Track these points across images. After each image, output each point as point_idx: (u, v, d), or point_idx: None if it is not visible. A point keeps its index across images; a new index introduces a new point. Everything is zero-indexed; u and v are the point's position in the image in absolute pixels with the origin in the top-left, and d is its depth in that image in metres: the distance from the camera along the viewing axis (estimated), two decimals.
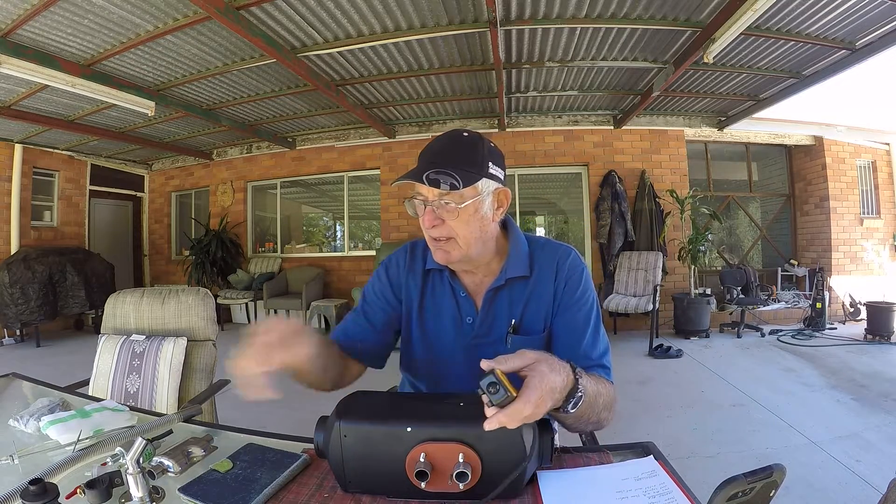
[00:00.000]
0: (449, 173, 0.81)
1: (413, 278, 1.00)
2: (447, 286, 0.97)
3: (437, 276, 0.99)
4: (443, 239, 0.87)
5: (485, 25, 3.35)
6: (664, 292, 5.28)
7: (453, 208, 0.84)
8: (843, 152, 6.01)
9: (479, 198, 0.85)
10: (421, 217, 0.88)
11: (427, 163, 0.84)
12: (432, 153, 0.86)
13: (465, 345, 0.95)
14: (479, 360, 0.90)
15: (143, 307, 1.76)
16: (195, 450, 0.82)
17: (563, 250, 0.97)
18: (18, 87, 4.18)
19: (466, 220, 0.85)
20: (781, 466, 0.54)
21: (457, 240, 0.86)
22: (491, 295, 0.94)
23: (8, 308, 5.05)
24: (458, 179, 0.81)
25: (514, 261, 0.93)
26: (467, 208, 0.84)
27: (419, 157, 0.88)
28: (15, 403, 1.14)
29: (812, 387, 3.33)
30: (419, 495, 0.67)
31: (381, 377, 1.14)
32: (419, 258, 1.01)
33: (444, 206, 0.84)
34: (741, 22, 3.03)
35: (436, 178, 0.80)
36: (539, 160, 5.84)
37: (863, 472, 2.05)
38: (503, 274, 0.93)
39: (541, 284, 0.94)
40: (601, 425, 0.83)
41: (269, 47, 3.40)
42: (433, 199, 0.85)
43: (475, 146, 0.87)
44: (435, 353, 0.99)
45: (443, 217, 0.85)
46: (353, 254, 6.56)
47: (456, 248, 0.87)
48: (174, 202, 7.54)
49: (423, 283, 0.99)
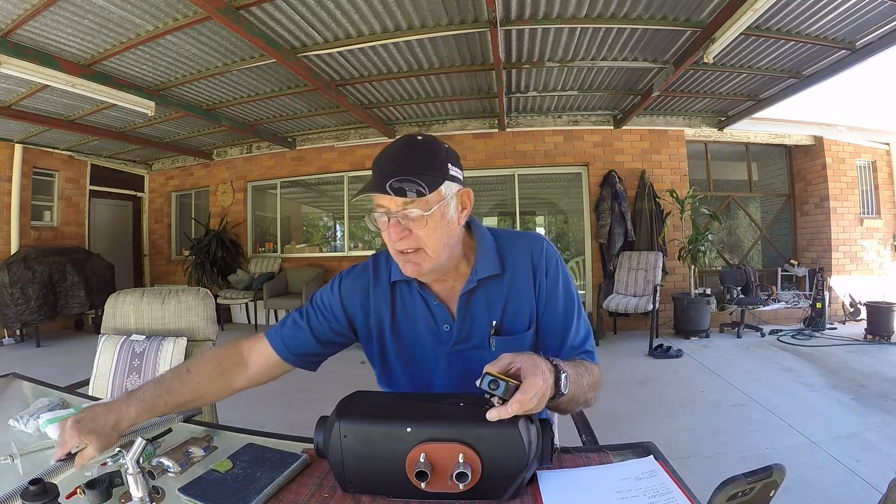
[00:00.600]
0: (412, 180, 0.77)
1: (380, 292, 0.95)
2: (417, 296, 0.93)
3: (405, 288, 0.94)
4: (411, 251, 0.82)
5: (485, 25, 3.35)
6: (664, 292, 5.28)
7: (419, 216, 0.80)
8: (843, 152, 6.01)
9: (443, 202, 0.81)
10: (385, 231, 0.83)
11: (387, 172, 0.79)
12: (390, 161, 0.82)
13: (445, 353, 0.92)
14: (462, 367, 0.92)
15: (143, 307, 1.76)
16: (195, 450, 0.82)
17: (535, 241, 0.94)
18: (18, 87, 4.18)
19: (434, 228, 0.81)
20: (781, 466, 0.54)
21: (426, 250, 0.82)
22: (465, 299, 0.90)
23: (8, 308, 5.05)
24: (423, 186, 0.77)
25: (482, 261, 0.90)
26: (434, 214, 0.80)
27: (374, 166, 0.84)
28: (15, 403, 1.14)
29: (812, 387, 3.33)
30: (419, 495, 0.67)
31: None
32: (383, 271, 0.96)
33: (410, 216, 0.80)
34: (741, 22, 3.03)
35: (399, 186, 0.76)
36: (539, 160, 5.84)
37: (863, 472, 2.05)
38: (473, 275, 0.89)
39: (518, 280, 0.91)
40: (589, 404, 0.86)
41: (269, 47, 3.40)
42: (397, 210, 0.80)
43: (433, 149, 0.83)
44: (415, 366, 0.95)
45: (409, 227, 0.81)
46: (353, 254, 6.56)
47: (426, 259, 0.83)
48: (174, 202, 7.54)
49: (391, 296, 0.94)
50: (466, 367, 0.90)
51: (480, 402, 0.70)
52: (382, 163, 0.83)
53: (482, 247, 0.92)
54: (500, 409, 0.63)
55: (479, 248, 0.91)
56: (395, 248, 0.84)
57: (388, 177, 0.78)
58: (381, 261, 0.97)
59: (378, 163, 0.84)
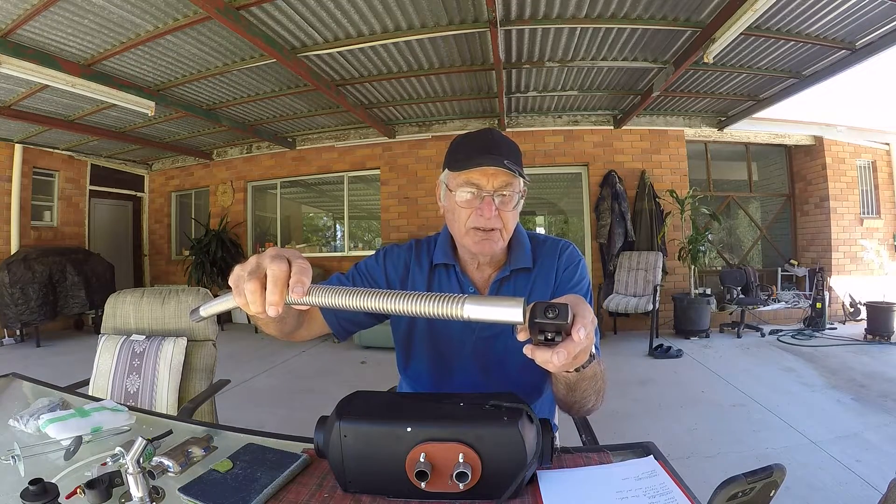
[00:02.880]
0: (516, 167, 0.83)
1: (418, 272, 0.99)
2: (454, 281, 0.97)
3: (444, 272, 0.98)
4: (496, 229, 0.87)
5: (485, 25, 3.36)
6: (664, 292, 5.28)
7: (512, 201, 0.86)
8: (843, 152, 6.02)
9: (523, 193, 0.90)
10: (473, 206, 0.86)
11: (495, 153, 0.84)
12: (490, 145, 0.86)
13: (472, 339, 0.95)
14: (484, 355, 0.95)
15: (143, 307, 1.76)
16: (195, 450, 0.82)
17: (563, 244, 1.00)
18: (18, 87, 4.19)
19: (515, 213, 0.89)
20: (781, 466, 0.54)
21: (502, 230, 0.88)
22: (496, 286, 0.95)
23: (8, 308, 5.05)
24: (523, 174, 0.85)
25: (518, 253, 0.96)
26: (519, 201, 0.88)
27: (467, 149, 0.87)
28: (15, 403, 1.14)
29: (812, 387, 3.33)
30: (419, 495, 0.67)
31: (381, 377, 1.15)
32: (424, 254, 1.01)
33: (506, 198, 0.85)
34: (741, 22, 3.03)
35: (514, 167, 0.83)
36: (539, 160, 5.84)
37: (863, 472, 2.05)
38: (508, 265, 0.95)
39: (542, 276, 0.97)
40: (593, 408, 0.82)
41: (269, 47, 3.40)
42: (493, 190, 0.85)
43: (516, 145, 0.91)
44: (442, 348, 0.98)
45: (498, 208, 0.86)
46: (353, 254, 6.56)
47: (500, 240, 0.89)
48: (174, 202, 7.54)
49: (429, 279, 0.98)
50: (490, 354, 0.95)
51: (481, 402, 0.70)
52: (483, 145, 0.87)
53: (518, 242, 0.97)
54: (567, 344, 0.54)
55: (515, 242, 0.97)
56: (479, 224, 0.86)
57: (501, 156, 0.83)
58: (422, 244, 1.03)
59: (474, 145, 0.87)
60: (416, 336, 0.99)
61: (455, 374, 0.97)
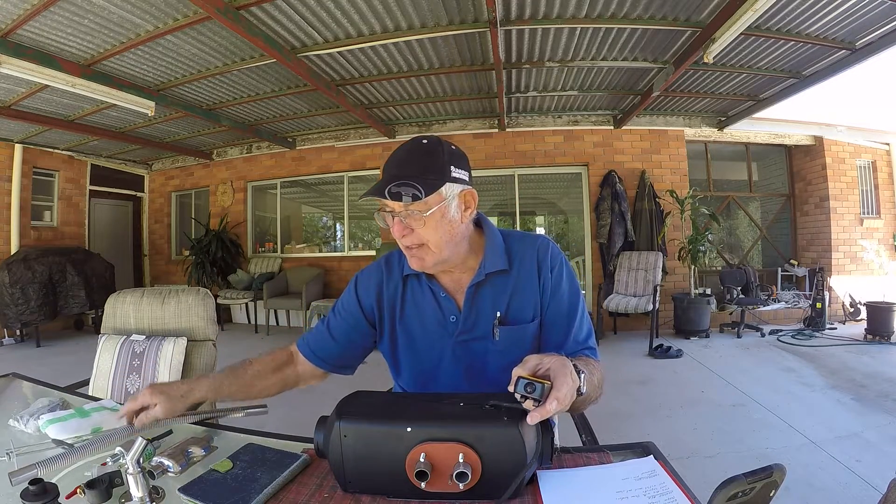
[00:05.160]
0: (410, 184, 0.83)
1: (391, 287, 1.02)
2: (426, 289, 0.98)
3: (416, 281, 1.00)
4: (414, 246, 0.90)
5: (485, 25, 3.35)
6: (664, 292, 5.28)
7: (419, 217, 0.86)
8: (843, 152, 6.01)
9: (443, 203, 0.87)
10: (391, 227, 0.90)
11: (389, 176, 0.86)
12: (394, 165, 0.88)
13: (451, 344, 0.97)
14: (467, 358, 0.97)
15: (143, 307, 1.76)
16: (195, 450, 0.82)
17: (541, 242, 0.99)
18: (18, 87, 4.19)
19: (434, 227, 0.87)
20: (781, 466, 0.54)
21: (428, 245, 0.89)
22: (472, 291, 0.95)
23: (8, 308, 5.05)
24: (420, 189, 0.82)
25: (490, 257, 0.95)
26: (433, 215, 0.86)
27: (383, 169, 0.91)
28: (15, 403, 1.14)
29: (812, 387, 3.33)
30: (419, 495, 0.67)
31: (381, 377, 1.15)
32: (395, 267, 1.03)
33: (411, 216, 0.86)
34: (741, 22, 3.03)
35: (397, 191, 0.83)
36: (539, 160, 5.84)
37: (863, 472, 2.05)
38: (481, 270, 0.94)
39: (524, 276, 0.96)
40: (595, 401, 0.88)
41: (269, 47, 3.40)
42: (399, 211, 0.87)
43: (434, 153, 0.88)
44: (422, 356, 1.00)
45: (411, 226, 0.88)
46: (352, 254, 6.56)
47: (429, 254, 0.90)
48: (174, 202, 7.54)
49: (402, 290, 1.01)
50: (470, 357, 0.96)
51: (480, 402, 0.70)
52: (388, 166, 0.89)
53: (491, 244, 0.97)
54: (540, 410, 0.64)
55: (488, 244, 0.97)
56: (401, 243, 0.91)
57: (390, 181, 0.84)
58: (394, 257, 1.04)
59: (386, 166, 0.90)
60: (401, 349, 1.02)
61: (440, 378, 0.99)
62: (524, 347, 0.94)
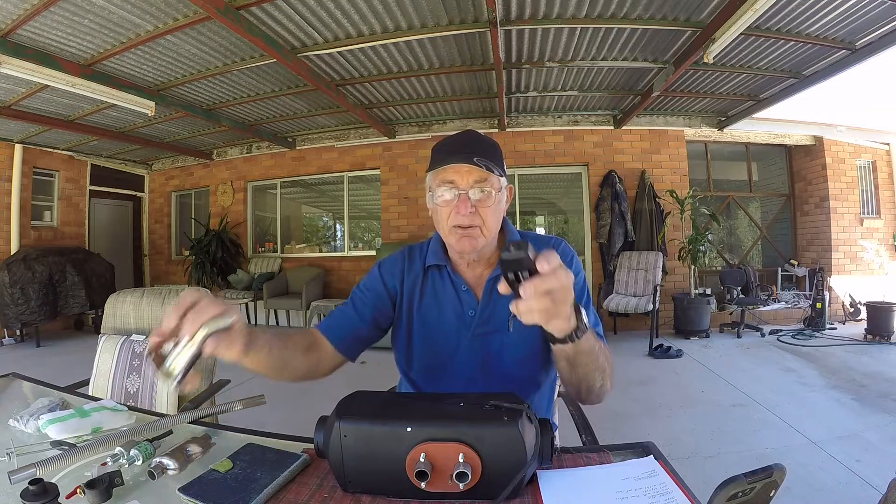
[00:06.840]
0: (489, 161, 0.86)
1: (412, 276, 1.02)
2: (447, 281, 0.99)
3: (437, 273, 1.01)
4: (474, 226, 0.89)
5: (485, 25, 3.36)
6: (664, 292, 5.28)
7: (490, 196, 0.88)
8: (843, 152, 6.02)
9: (502, 190, 0.92)
10: (452, 205, 0.88)
11: (467, 151, 0.86)
12: (464, 144, 0.89)
13: (468, 336, 0.97)
14: (482, 352, 0.96)
15: (143, 307, 1.76)
16: (195, 449, 0.82)
17: (554, 241, 1.02)
18: (18, 87, 4.19)
19: (493, 210, 0.89)
20: (781, 466, 0.54)
21: (483, 227, 0.89)
22: (491, 285, 0.96)
23: (8, 308, 5.05)
24: (497, 170, 0.87)
25: None
26: (498, 197, 0.90)
27: (441, 150, 0.91)
28: (15, 403, 1.14)
29: (812, 387, 3.33)
30: (419, 495, 0.67)
31: (381, 377, 1.15)
32: (417, 258, 1.04)
33: (484, 194, 0.87)
34: (741, 22, 3.03)
35: (485, 163, 0.85)
36: (539, 160, 5.84)
37: (863, 472, 2.05)
38: None
39: None
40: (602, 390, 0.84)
41: (269, 47, 3.40)
42: (468, 187, 0.87)
43: (494, 143, 0.93)
44: (437, 347, 1.00)
45: (478, 205, 0.88)
46: (353, 254, 6.56)
47: (480, 236, 0.90)
48: (174, 202, 7.54)
49: (422, 281, 1.01)
50: (485, 351, 0.96)
51: (480, 402, 0.70)
52: (454, 145, 0.90)
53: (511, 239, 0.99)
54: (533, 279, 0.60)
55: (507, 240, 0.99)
56: (458, 222, 0.88)
57: (472, 154, 0.85)
58: (415, 249, 1.06)
59: (448, 146, 0.91)
60: (416, 339, 1.01)
61: (454, 371, 0.99)
62: (536, 339, 0.94)
